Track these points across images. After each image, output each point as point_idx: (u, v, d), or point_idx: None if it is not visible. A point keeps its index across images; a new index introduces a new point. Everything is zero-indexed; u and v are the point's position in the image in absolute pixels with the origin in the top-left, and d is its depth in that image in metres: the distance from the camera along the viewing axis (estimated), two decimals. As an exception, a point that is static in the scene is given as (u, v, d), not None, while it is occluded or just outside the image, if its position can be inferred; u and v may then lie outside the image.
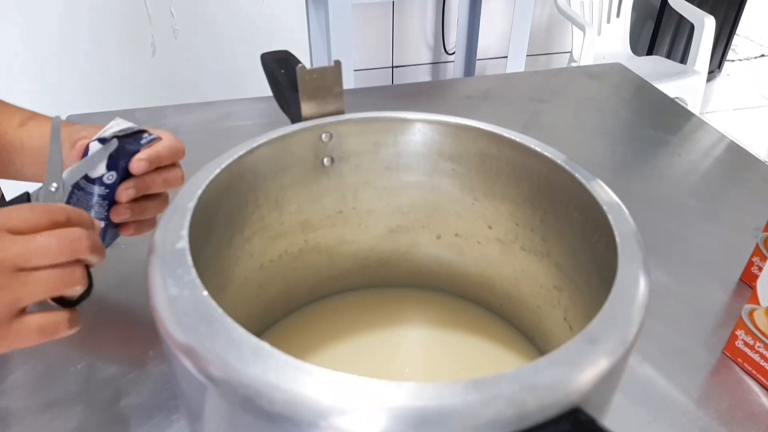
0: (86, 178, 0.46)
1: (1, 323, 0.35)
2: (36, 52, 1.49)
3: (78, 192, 0.46)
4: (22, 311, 0.36)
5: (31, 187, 0.46)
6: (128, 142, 0.47)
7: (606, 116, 0.96)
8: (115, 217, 0.48)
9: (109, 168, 0.46)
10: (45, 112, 0.63)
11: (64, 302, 0.39)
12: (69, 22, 1.48)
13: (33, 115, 0.58)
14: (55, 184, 0.44)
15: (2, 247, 0.34)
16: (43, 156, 0.51)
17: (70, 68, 1.53)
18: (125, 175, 0.47)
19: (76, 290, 0.38)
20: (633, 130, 0.93)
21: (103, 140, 0.46)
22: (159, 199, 0.51)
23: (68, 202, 0.45)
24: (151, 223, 0.52)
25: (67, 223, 0.37)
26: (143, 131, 0.49)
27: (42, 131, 0.55)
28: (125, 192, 0.47)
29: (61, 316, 0.38)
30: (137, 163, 0.47)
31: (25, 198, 0.44)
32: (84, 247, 0.37)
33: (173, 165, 0.51)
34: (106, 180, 0.46)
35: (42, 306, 0.38)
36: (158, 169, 0.49)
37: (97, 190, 0.46)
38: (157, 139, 0.49)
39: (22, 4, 1.43)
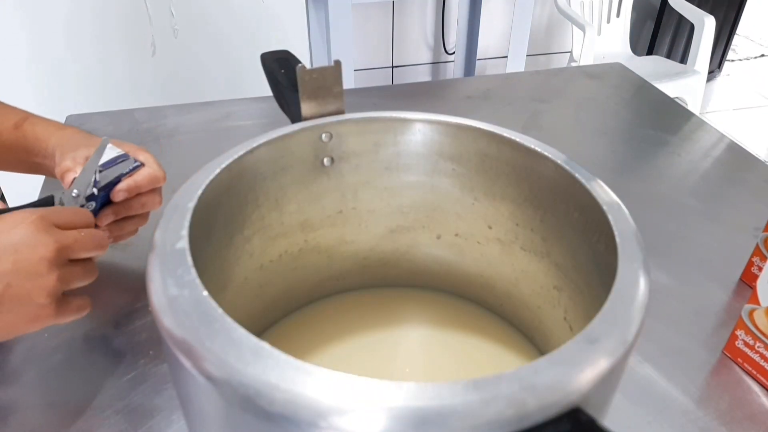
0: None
1: (52, 302, 0.42)
2: (39, 52, 1.49)
3: None
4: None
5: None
6: (110, 174, 0.53)
7: (606, 116, 0.97)
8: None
9: (89, 199, 0.52)
10: (46, 112, 0.64)
11: None
12: (72, 23, 1.48)
13: (27, 116, 0.61)
14: (76, 191, 0.51)
15: (61, 238, 0.42)
16: (37, 156, 0.59)
17: (72, 68, 1.53)
18: (106, 201, 0.53)
19: (88, 281, 0.46)
20: (633, 130, 0.93)
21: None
22: (137, 218, 0.56)
23: None
24: (130, 233, 0.57)
25: (91, 225, 0.47)
26: (127, 159, 0.54)
27: (36, 133, 0.59)
28: (105, 217, 0.53)
29: (87, 299, 0.46)
30: (117, 193, 0.53)
31: (50, 199, 0.51)
32: (106, 245, 0.47)
33: (152, 190, 0.56)
34: (86, 209, 0.51)
35: None
36: (138, 194, 0.54)
37: None
38: (140, 166, 0.54)
39: (27, 5, 1.43)
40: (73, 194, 0.51)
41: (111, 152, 0.54)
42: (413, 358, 0.53)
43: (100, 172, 0.52)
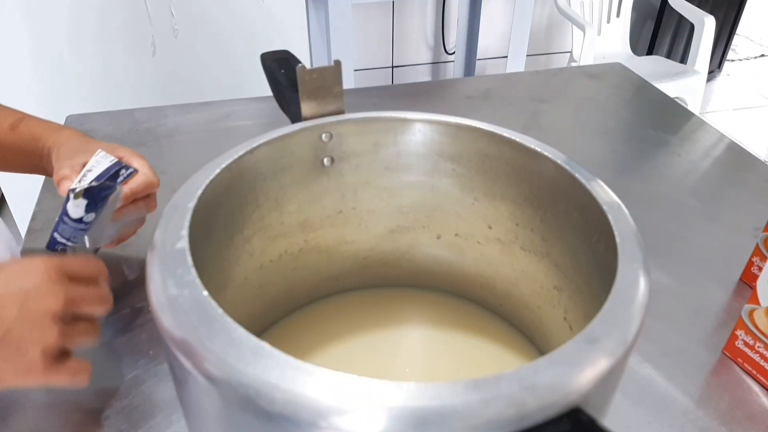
0: (68, 216, 0.52)
1: (45, 359, 0.39)
2: (40, 52, 1.49)
3: (62, 225, 0.53)
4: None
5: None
6: (105, 185, 0.53)
7: (606, 116, 0.96)
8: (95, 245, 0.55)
9: (87, 211, 0.53)
10: (46, 111, 0.64)
11: None
12: (73, 23, 1.48)
13: (24, 117, 0.61)
14: (89, 245, 0.53)
15: (71, 291, 0.40)
16: (34, 157, 0.59)
17: (72, 68, 1.53)
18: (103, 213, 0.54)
19: (91, 341, 0.42)
20: (633, 130, 0.93)
21: (75, 190, 0.52)
22: (134, 221, 0.58)
23: (56, 227, 0.53)
24: (128, 235, 0.59)
25: (104, 275, 0.45)
26: (121, 167, 0.55)
27: (33, 133, 0.59)
28: None
29: (88, 364, 0.42)
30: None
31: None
32: (111, 304, 0.43)
33: (147, 195, 0.57)
34: (85, 219, 0.53)
35: None
36: (134, 200, 0.55)
37: (78, 226, 0.53)
38: (134, 172, 0.55)
39: (28, 5, 1.43)
40: (87, 245, 0.53)
41: (105, 161, 0.55)
42: (413, 358, 0.53)
43: (97, 183, 0.53)
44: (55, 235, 0.54)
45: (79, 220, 0.53)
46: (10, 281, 0.39)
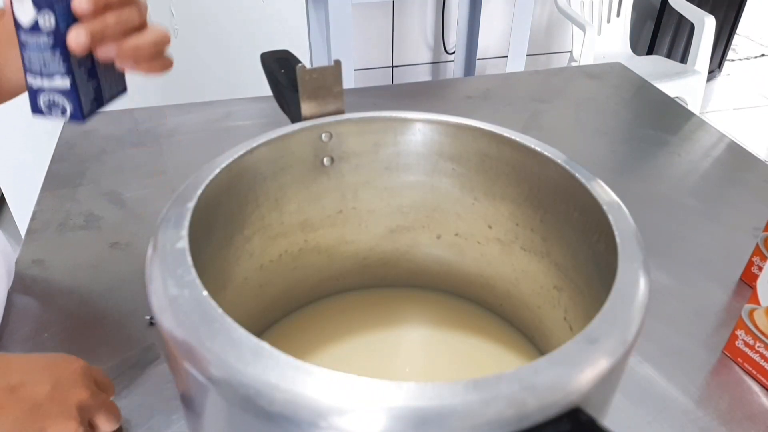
0: (22, 29, 0.40)
1: None
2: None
3: (26, 52, 0.41)
4: None
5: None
6: None
7: (606, 116, 0.96)
8: (102, 54, 0.42)
9: (38, 7, 0.39)
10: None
11: None
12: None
13: None
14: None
15: (93, 390, 0.43)
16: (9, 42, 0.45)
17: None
18: (70, 20, 0.40)
19: None
20: (633, 130, 0.93)
21: None
22: (146, 33, 0.44)
23: (24, 65, 0.41)
24: (164, 63, 0.47)
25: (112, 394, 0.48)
26: None
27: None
28: (75, 38, 0.40)
29: None
30: (79, 3, 0.40)
31: None
32: (119, 421, 0.46)
33: (126, 3, 0.43)
34: (42, 25, 0.40)
35: None
36: (109, 9, 0.42)
37: (40, 39, 0.40)
38: None
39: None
40: (67, 74, 0.40)
41: None
42: (413, 358, 0.53)
43: None
44: (28, 77, 0.42)
45: (35, 28, 0.40)
46: (49, 362, 0.43)
